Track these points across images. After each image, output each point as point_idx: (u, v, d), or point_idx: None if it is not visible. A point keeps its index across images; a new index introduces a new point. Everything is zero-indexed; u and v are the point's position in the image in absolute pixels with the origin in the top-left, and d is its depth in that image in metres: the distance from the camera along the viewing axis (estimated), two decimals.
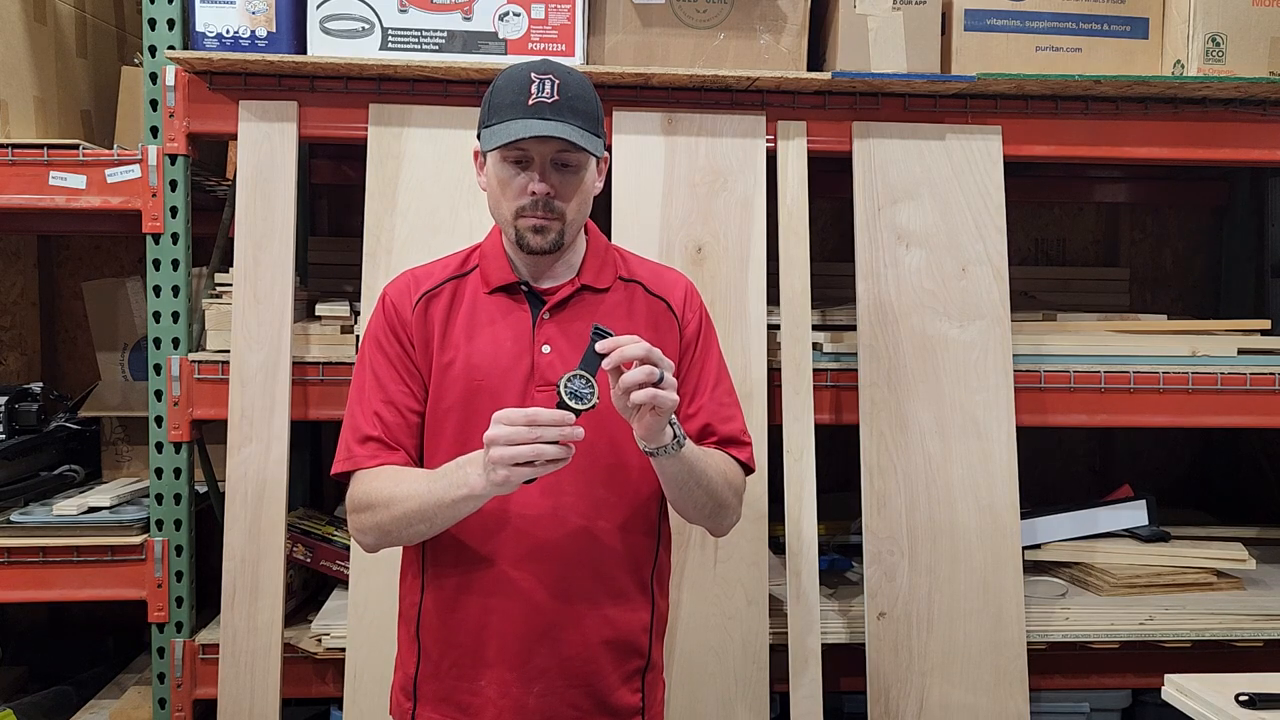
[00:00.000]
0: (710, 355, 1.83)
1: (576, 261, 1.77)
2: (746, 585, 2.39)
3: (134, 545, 2.42)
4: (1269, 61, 2.50)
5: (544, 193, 1.66)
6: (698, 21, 2.46)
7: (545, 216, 1.67)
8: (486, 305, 1.75)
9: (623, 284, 1.80)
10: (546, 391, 1.68)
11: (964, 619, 2.42)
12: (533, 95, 1.64)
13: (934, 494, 2.44)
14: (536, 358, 1.71)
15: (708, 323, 1.85)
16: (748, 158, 2.49)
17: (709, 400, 1.80)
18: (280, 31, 2.36)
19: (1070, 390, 2.54)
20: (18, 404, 2.76)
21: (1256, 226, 3.44)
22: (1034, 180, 3.36)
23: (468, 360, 1.72)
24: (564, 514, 1.69)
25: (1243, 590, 2.70)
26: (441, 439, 1.73)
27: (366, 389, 1.76)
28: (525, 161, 1.66)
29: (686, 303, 1.82)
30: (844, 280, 2.67)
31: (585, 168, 1.70)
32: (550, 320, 1.74)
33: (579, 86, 1.68)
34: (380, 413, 1.73)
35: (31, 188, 2.42)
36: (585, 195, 1.72)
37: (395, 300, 1.78)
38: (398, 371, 1.75)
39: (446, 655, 1.74)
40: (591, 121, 1.68)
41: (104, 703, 2.63)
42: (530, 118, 1.63)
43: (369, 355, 1.78)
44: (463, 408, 1.72)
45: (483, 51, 2.39)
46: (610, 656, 1.74)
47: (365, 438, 1.72)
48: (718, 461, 1.74)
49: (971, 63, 2.49)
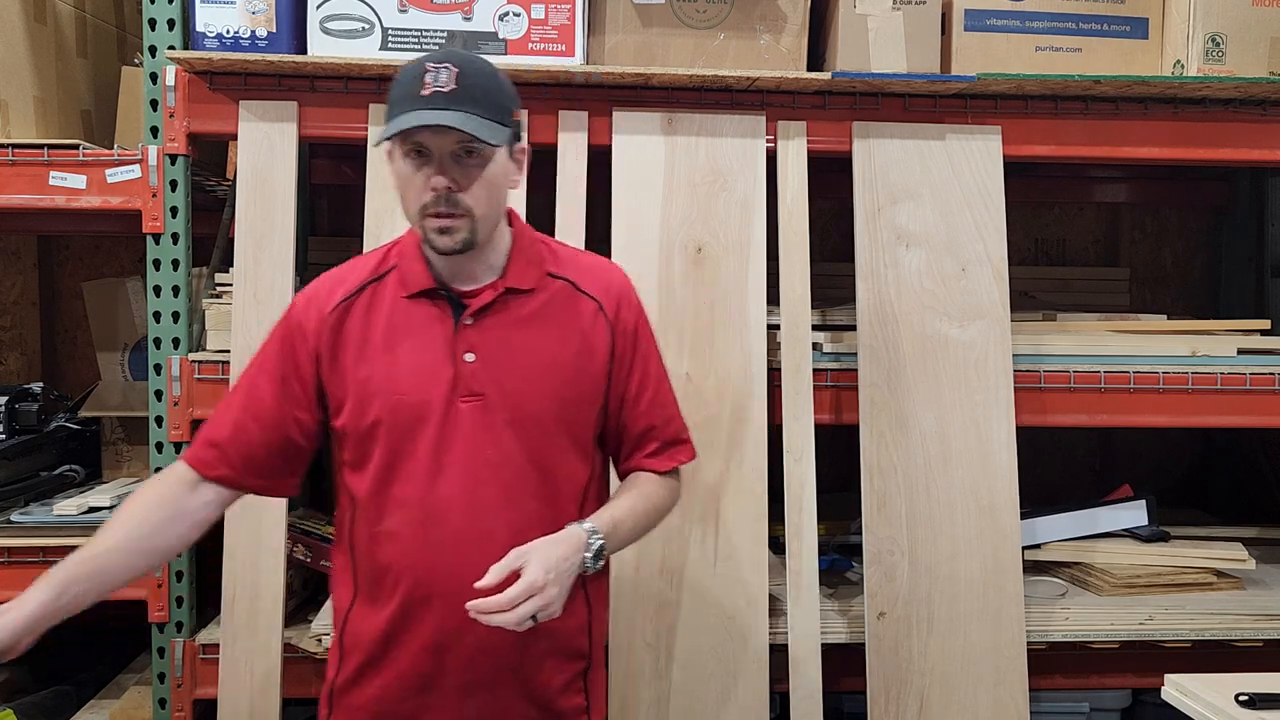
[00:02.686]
0: (648, 355, 1.77)
1: (500, 260, 1.69)
2: (746, 585, 2.39)
3: None
4: (1269, 61, 2.50)
5: (444, 187, 1.57)
6: (698, 21, 2.46)
7: (450, 214, 1.58)
8: (405, 311, 1.67)
9: (550, 282, 1.72)
10: (471, 403, 1.64)
11: (964, 619, 2.42)
12: (427, 85, 1.56)
13: (934, 494, 2.44)
14: (460, 367, 1.64)
15: (643, 320, 1.78)
16: (748, 158, 2.49)
17: (649, 404, 1.76)
18: (280, 31, 2.36)
19: (1070, 390, 2.54)
20: (18, 404, 2.76)
21: (1256, 226, 3.44)
22: (1034, 180, 3.36)
23: (389, 372, 1.65)
24: (486, 529, 1.63)
25: (1243, 590, 2.70)
26: (364, 457, 1.67)
27: (238, 394, 1.72)
28: (424, 155, 1.58)
29: (621, 301, 1.75)
30: (844, 280, 2.67)
31: (490, 159, 1.60)
32: (472, 326, 1.66)
33: (480, 74, 1.60)
34: (239, 423, 1.69)
35: (32, 188, 2.41)
36: (494, 188, 1.63)
37: (303, 312, 1.70)
38: (278, 389, 1.68)
39: (371, 669, 1.69)
40: (495, 110, 1.59)
41: (104, 703, 2.63)
42: (423, 108, 1.55)
43: (257, 361, 1.72)
44: (388, 423, 1.65)
45: (483, 51, 2.39)
46: (552, 664, 1.71)
47: (205, 437, 1.70)
48: (644, 503, 1.73)
49: (971, 63, 2.49)
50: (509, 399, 1.65)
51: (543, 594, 1.50)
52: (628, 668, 2.34)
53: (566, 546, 1.57)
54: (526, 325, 1.69)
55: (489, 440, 1.65)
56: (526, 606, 1.49)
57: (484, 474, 1.65)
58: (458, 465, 1.65)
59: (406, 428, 1.65)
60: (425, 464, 1.65)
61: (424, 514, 1.64)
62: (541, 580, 1.50)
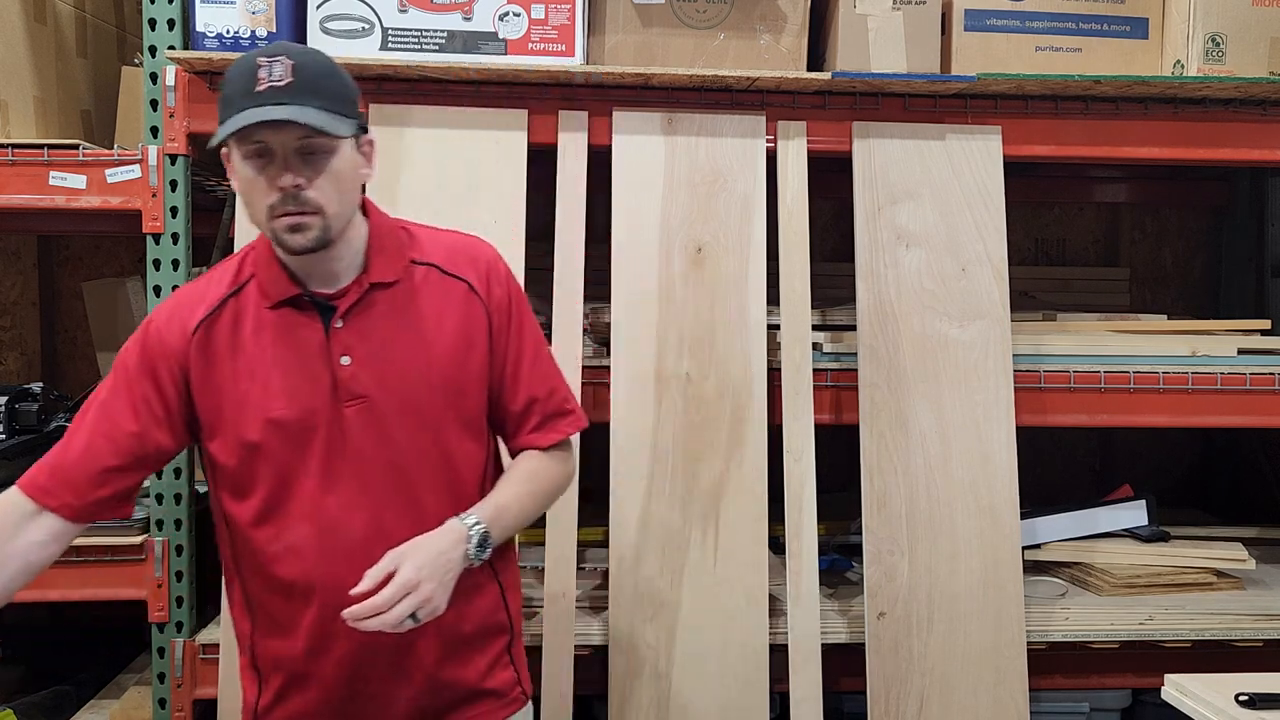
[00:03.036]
0: (524, 328, 1.72)
1: (359, 255, 1.63)
2: (746, 585, 2.39)
3: (134, 545, 2.41)
4: (1269, 61, 2.50)
5: (291, 185, 1.50)
6: (698, 21, 2.46)
7: (300, 212, 1.51)
8: (271, 322, 1.61)
9: (415, 269, 1.66)
10: (356, 406, 1.60)
11: (964, 619, 2.42)
12: (262, 80, 1.49)
13: (934, 494, 2.44)
14: (338, 372, 1.59)
15: (516, 293, 1.73)
16: (748, 158, 2.49)
17: (529, 377, 1.72)
18: (280, 31, 2.36)
19: (1070, 390, 2.54)
20: (18, 404, 2.75)
21: (1256, 226, 3.44)
22: (1034, 180, 3.36)
23: (265, 389, 1.59)
24: (388, 531, 1.59)
25: (1243, 590, 2.70)
26: (255, 479, 1.62)
27: (90, 414, 1.63)
28: (267, 155, 1.51)
29: (490, 277, 1.70)
30: (844, 280, 2.67)
31: (336, 152, 1.53)
32: (344, 329, 1.61)
33: (318, 66, 1.54)
34: (91, 445, 1.60)
35: (31, 188, 2.41)
36: (343, 182, 1.56)
37: (162, 330, 1.62)
38: (135, 410, 1.61)
39: (294, 685, 1.67)
40: (337, 101, 1.53)
41: (104, 703, 2.62)
42: (260, 104, 1.48)
43: (110, 380, 1.64)
44: (271, 443, 1.59)
45: (483, 52, 2.39)
46: (476, 647, 1.71)
47: (51, 462, 1.61)
48: (529, 484, 1.70)
49: (971, 63, 2.49)
50: (393, 396, 1.62)
51: (418, 592, 1.48)
52: (628, 668, 2.34)
53: (444, 541, 1.55)
54: (399, 317, 1.63)
55: (380, 441, 1.61)
56: (402, 606, 1.47)
57: (380, 476, 1.62)
58: (352, 472, 1.61)
59: (293, 444, 1.60)
60: (317, 476, 1.61)
61: (324, 526, 1.60)
62: (415, 578, 1.49)
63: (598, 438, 2.45)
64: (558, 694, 2.31)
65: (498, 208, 2.43)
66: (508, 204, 2.43)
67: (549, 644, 2.33)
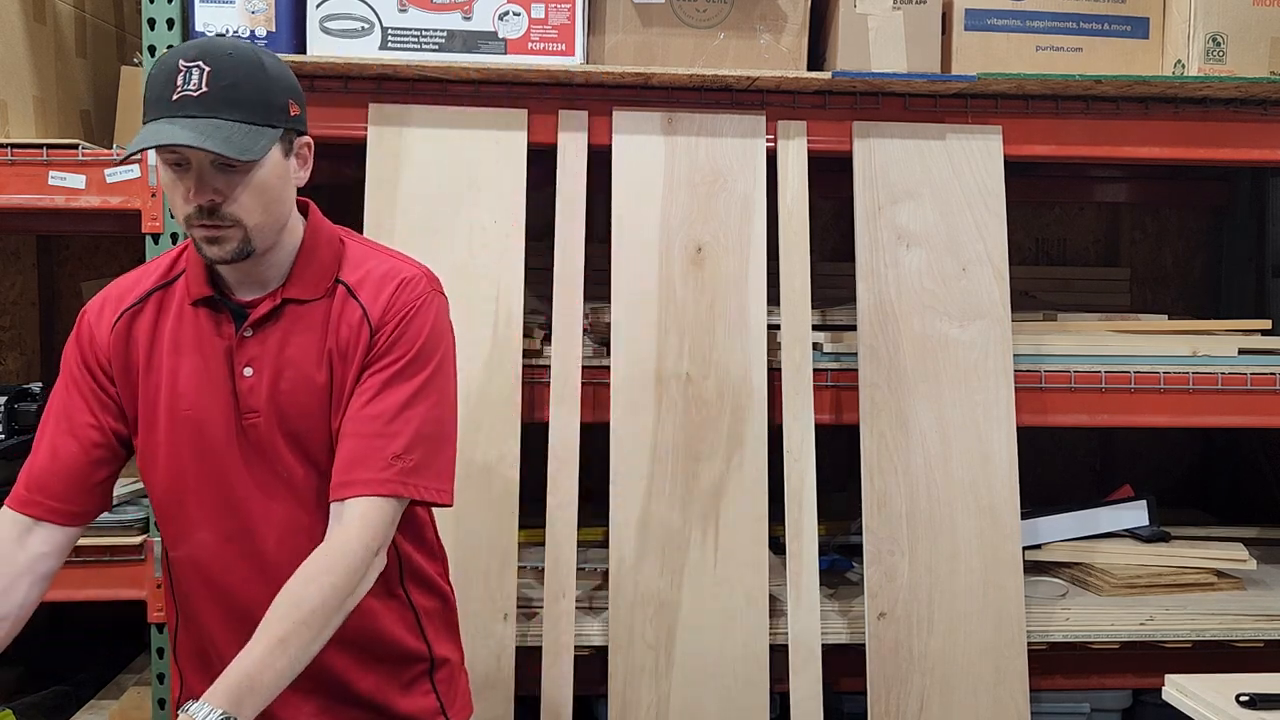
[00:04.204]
0: (392, 365, 1.54)
1: (285, 264, 1.56)
2: (746, 585, 2.38)
3: (133, 545, 2.41)
4: (1269, 61, 2.50)
5: (207, 200, 1.44)
6: (698, 21, 2.46)
7: (216, 225, 1.45)
8: (190, 320, 1.56)
9: (335, 288, 1.58)
10: (252, 419, 1.54)
11: (964, 619, 2.42)
12: (178, 88, 1.41)
13: (934, 494, 2.44)
14: (239, 383, 1.54)
15: (412, 327, 1.56)
16: (748, 157, 2.49)
17: (360, 413, 1.53)
18: (280, 31, 2.36)
19: (1071, 390, 2.54)
20: (17, 404, 2.75)
21: (1257, 226, 3.43)
22: (1034, 180, 3.35)
23: (173, 387, 1.55)
24: (299, 545, 1.50)
25: (1243, 590, 2.70)
26: (157, 473, 1.59)
27: (50, 416, 1.61)
28: (184, 165, 1.45)
29: (389, 307, 1.56)
30: (844, 280, 2.67)
31: (258, 166, 1.45)
32: (252, 339, 1.55)
33: (235, 72, 1.43)
34: (57, 446, 1.58)
35: (31, 188, 2.41)
36: (269, 192, 1.48)
37: (93, 322, 1.60)
38: (86, 401, 1.58)
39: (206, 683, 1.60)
40: (257, 111, 1.44)
41: (104, 703, 2.62)
42: (172, 115, 1.41)
43: (60, 380, 1.61)
44: (171, 441, 1.56)
45: (483, 51, 2.39)
46: (380, 670, 1.64)
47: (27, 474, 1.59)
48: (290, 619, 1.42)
49: (972, 62, 2.49)
50: (283, 416, 1.55)
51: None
52: (628, 668, 2.34)
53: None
54: (299, 336, 1.56)
55: (273, 457, 1.56)
56: None
57: (276, 490, 1.57)
58: (254, 483, 1.57)
59: (195, 446, 1.57)
60: (218, 482, 1.57)
61: (230, 532, 1.57)
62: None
63: (598, 438, 2.46)
64: (558, 694, 2.31)
65: (498, 208, 2.42)
66: (508, 204, 2.43)
67: (549, 644, 2.32)
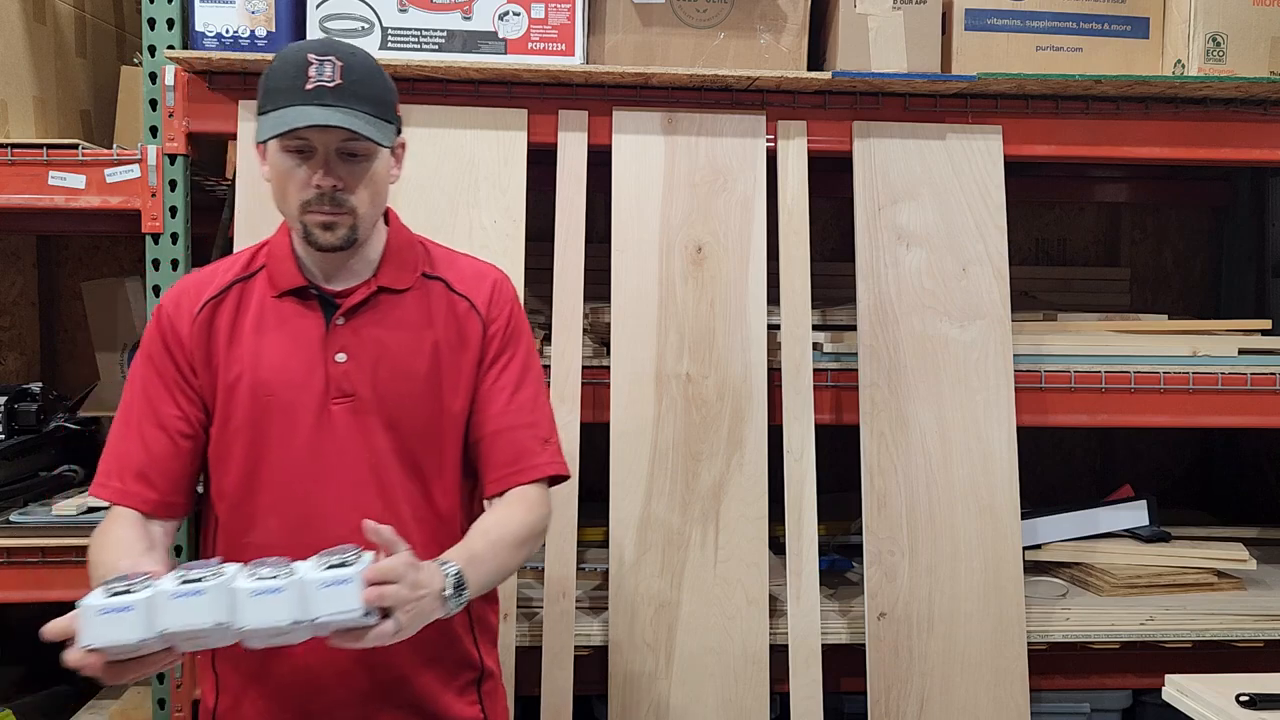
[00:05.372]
0: (516, 356, 1.68)
1: (374, 258, 1.64)
2: (746, 585, 2.38)
3: None
4: (1269, 61, 2.50)
5: (329, 186, 1.52)
6: (698, 21, 2.46)
7: (334, 211, 1.53)
8: (274, 311, 1.62)
9: (425, 282, 1.67)
10: (344, 404, 1.59)
11: (964, 619, 2.42)
12: (311, 79, 1.50)
13: (934, 494, 2.44)
14: (330, 368, 1.59)
15: (518, 321, 1.70)
16: (748, 157, 2.48)
17: (507, 406, 1.66)
18: (280, 31, 2.36)
19: (1071, 390, 2.54)
20: (17, 404, 2.75)
21: (1257, 226, 3.43)
22: (1034, 180, 3.35)
23: (255, 375, 1.59)
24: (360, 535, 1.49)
25: (1243, 590, 2.70)
26: (230, 463, 1.61)
27: (134, 409, 1.63)
28: (307, 152, 1.52)
29: (493, 299, 1.68)
30: (844, 280, 2.67)
31: (375, 157, 1.55)
32: (345, 326, 1.61)
33: (364, 69, 1.55)
34: (148, 439, 1.61)
35: (31, 188, 2.41)
36: (378, 186, 1.58)
37: (172, 313, 1.63)
38: (171, 392, 1.61)
39: (247, 689, 1.64)
40: (380, 107, 1.55)
41: (103, 703, 2.62)
42: (309, 104, 1.49)
43: (141, 372, 1.64)
44: (252, 427, 1.59)
45: (482, 51, 2.39)
46: (435, 672, 1.66)
47: (124, 469, 1.61)
48: (504, 530, 1.59)
49: (972, 62, 2.49)
50: (382, 400, 1.61)
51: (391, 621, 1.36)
52: (628, 668, 2.34)
53: (433, 579, 1.44)
54: (399, 326, 1.63)
55: (363, 442, 1.60)
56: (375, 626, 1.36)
57: (360, 476, 1.60)
58: (333, 468, 1.60)
59: (276, 431, 1.59)
60: (298, 468, 1.59)
61: (299, 520, 1.58)
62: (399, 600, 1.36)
63: (598, 438, 2.45)
64: (558, 694, 2.31)
65: (497, 208, 2.42)
66: (508, 204, 2.43)
67: (549, 644, 2.32)
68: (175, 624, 1.27)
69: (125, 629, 1.25)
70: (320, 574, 1.32)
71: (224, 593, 1.30)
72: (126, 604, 1.25)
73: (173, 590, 1.27)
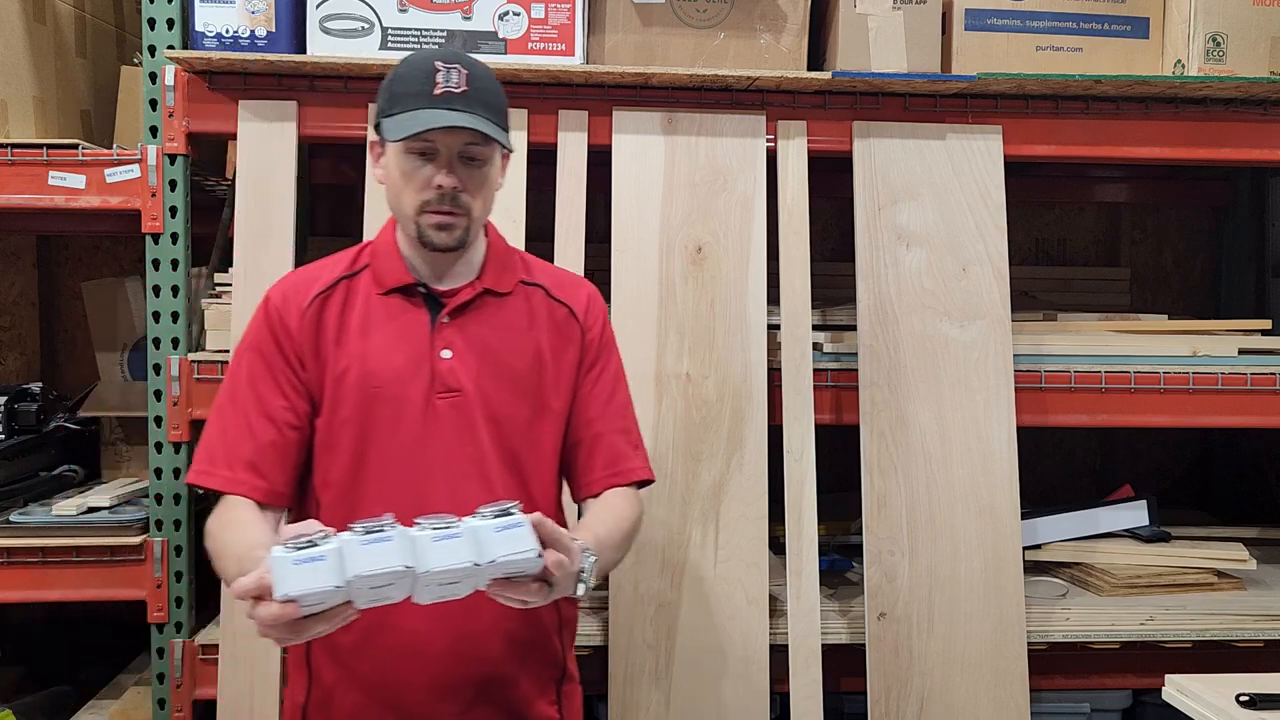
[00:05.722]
0: (610, 366, 1.79)
1: (477, 262, 1.71)
2: (746, 585, 2.38)
3: (133, 545, 2.41)
4: (1269, 61, 2.50)
5: (451, 186, 1.60)
6: (698, 21, 2.46)
7: (451, 212, 1.61)
8: (380, 308, 1.68)
9: (524, 288, 1.75)
10: (449, 398, 1.64)
11: (964, 619, 2.42)
12: (439, 84, 1.58)
13: (934, 494, 2.44)
14: (436, 364, 1.65)
15: (609, 331, 1.81)
16: (748, 157, 2.48)
17: (604, 412, 1.76)
18: (280, 31, 2.36)
19: (1071, 390, 2.54)
20: (17, 404, 2.76)
21: (1257, 226, 3.43)
22: (1034, 180, 3.35)
23: (363, 367, 1.65)
24: None
25: (1244, 590, 2.70)
26: (338, 453, 1.66)
27: (241, 399, 1.67)
28: (430, 154, 1.60)
29: (589, 309, 1.78)
30: (844, 280, 2.67)
31: (491, 162, 1.64)
32: (450, 324, 1.67)
33: (486, 78, 1.63)
34: (256, 429, 1.65)
35: (31, 188, 2.41)
36: (490, 191, 1.67)
37: (280, 306, 1.68)
38: (279, 384, 1.66)
39: (341, 683, 1.67)
40: (498, 114, 1.63)
41: (104, 703, 2.62)
42: (438, 108, 1.57)
43: (248, 363, 1.68)
44: (360, 419, 1.65)
45: (482, 51, 2.39)
46: (526, 670, 1.69)
47: (233, 458, 1.64)
48: (616, 522, 1.67)
49: (972, 62, 2.49)
50: (485, 397, 1.66)
51: (549, 588, 1.42)
52: (628, 668, 2.34)
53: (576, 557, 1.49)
54: (502, 327, 1.70)
55: (467, 437, 1.65)
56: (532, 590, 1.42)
57: (465, 469, 1.64)
58: (437, 461, 1.64)
59: (383, 423, 1.64)
60: (404, 461, 1.64)
61: (404, 509, 1.56)
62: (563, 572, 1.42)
63: None
64: None
65: (498, 207, 2.41)
66: (507, 204, 2.42)
67: None
68: (366, 568, 1.31)
69: (320, 577, 1.29)
70: (493, 520, 1.39)
71: (407, 539, 1.35)
72: (319, 554, 1.30)
73: (361, 539, 1.33)
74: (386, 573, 1.32)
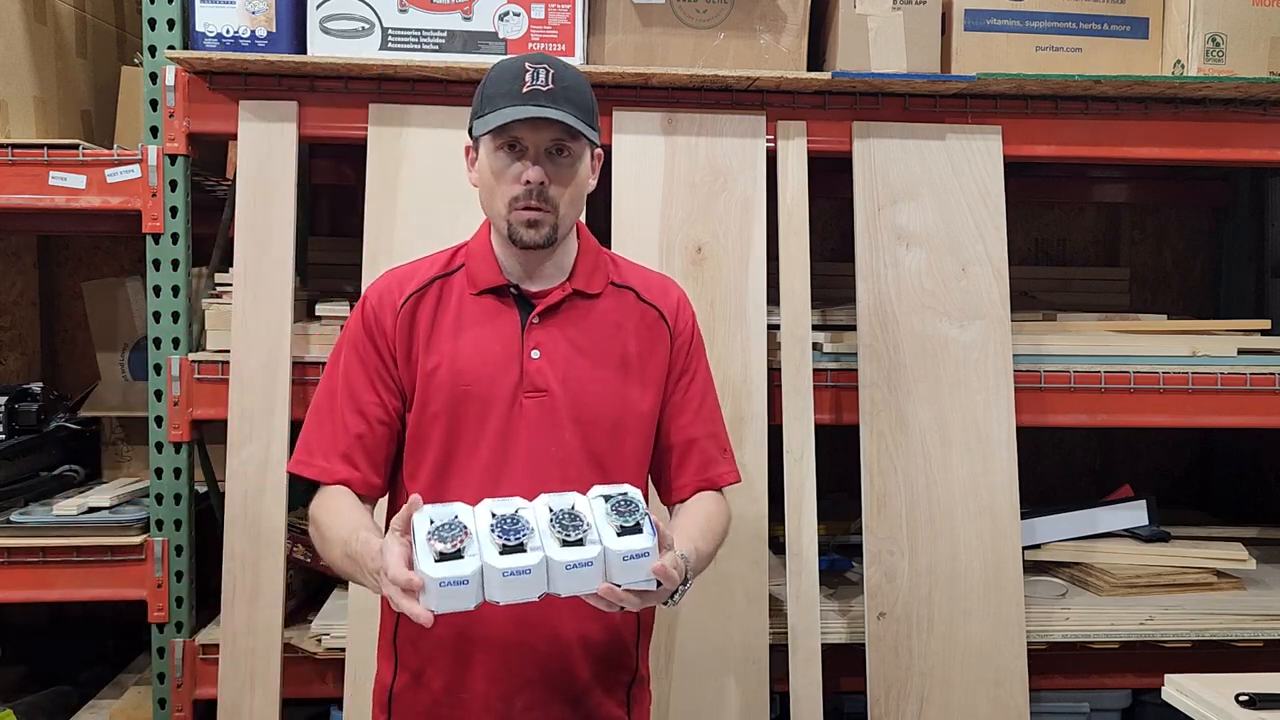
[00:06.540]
0: (699, 369, 1.80)
1: (568, 263, 1.73)
2: (746, 585, 2.39)
3: (134, 545, 2.42)
4: (1269, 61, 2.50)
5: (538, 180, 1.61)
6: (698, 21, 2.46)
7: (539, 208, 1.62)
8: (473, 307, 1.71)
9: (614, 289, 1.76)
10: (536, 398, 1.66)
11: (964, 619, 2.42)
12: (527, 83, 1.61)
13: (934, 494, 2.44)
14: (525, 364, 1.67)
15: (698, 334, 1.82)
16: (748, 158, 2.49)
17: (695, 415, 1.77)
18: (280, 31, 2.36)
19: (1070, 390, 2.54)
20: (18, 404, 2.76)
21: (1256, 226, 3.44)
22: (1034, 180, 3.36)
23: (453, 365, 1.68)
24: None
25: (1243, 590, 2.70)
26: (427, 447, 1.69)
27: (338, 394, 1.71)
28: (519, 150, 1.62)
29: (679, 312, 1.79)
30: (844, 280, 2.67)
31: (580, 159, 1.66)
32: (540, 325, 1.69)
33: (574, 78, 1.65)
34: (349, 423, 1.69)
35: (31, 188, 2.41)
36: (579, 188, 1.67)
37: (376, 305, 1.72)
38: (371, 381, 1.70)
39: (425, 669, 1.70)
40: (586, 112, 1.64)
41: (104, 703, 2.63)
42: (525, 104, 1.59)
43: (344, 359, 1.73)
44: (449, 415, 1.67)
45: (482, 51, 2.39)
46: (597, 668, 1.71)
47: (329, 449, 1.69)
48: (711, 528, 1.70)
49: (971, 63, 2.49)
50: (572, 398, 1.68)
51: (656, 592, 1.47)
52: None
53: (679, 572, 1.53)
54: (592, 328, 1.71)
55: (552, 437, 1.67)
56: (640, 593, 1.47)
57: (548, 468, 1.66)
58: (522, 460, 1.66)
59: (470, 420, 1.67)
60: (489, 458, 1.67)
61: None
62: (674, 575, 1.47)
63: None
64: None
65: None
66: None
67: None
68: (503, 598, 1.42)
69: (461, 600, 1.41)
70: (623, 545, 1.44)
71: (542, 570, 1.43)
72: (463, 577, 1.40)
73: (501, 568, 1.41)
74: (521, 601, 1.43)
